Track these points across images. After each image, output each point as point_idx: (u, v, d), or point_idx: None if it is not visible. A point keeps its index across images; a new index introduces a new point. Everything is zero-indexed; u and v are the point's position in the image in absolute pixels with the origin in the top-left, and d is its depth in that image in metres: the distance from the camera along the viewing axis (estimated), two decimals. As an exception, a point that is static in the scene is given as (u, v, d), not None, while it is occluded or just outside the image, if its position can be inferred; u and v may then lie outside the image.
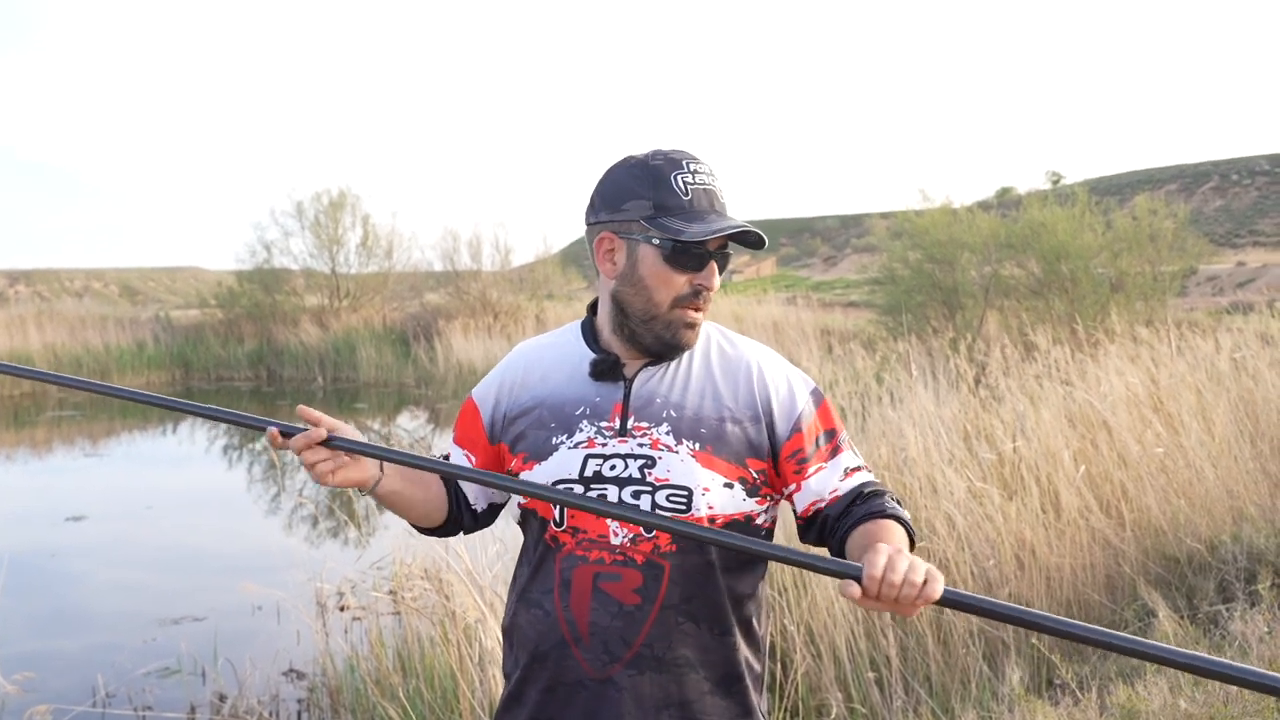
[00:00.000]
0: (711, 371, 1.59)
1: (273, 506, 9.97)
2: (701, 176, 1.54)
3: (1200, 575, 4.08)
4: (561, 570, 1.54)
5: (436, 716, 3.72)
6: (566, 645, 1.53)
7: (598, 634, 1.50)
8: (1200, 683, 2.87)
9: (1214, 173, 51.99)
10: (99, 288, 43.90)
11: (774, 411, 1.57)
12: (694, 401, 1.56)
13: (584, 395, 1.59)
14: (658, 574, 1.50)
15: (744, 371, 1.59)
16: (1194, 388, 5.76)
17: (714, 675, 1.54)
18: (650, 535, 1.50)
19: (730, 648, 1.55)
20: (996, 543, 4.12)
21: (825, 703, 3.56)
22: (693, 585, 1.51)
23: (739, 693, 1.56)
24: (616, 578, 1.50)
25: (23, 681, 4.95)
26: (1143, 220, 14.70)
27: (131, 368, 20.77)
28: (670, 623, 1.50)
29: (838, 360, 9.48)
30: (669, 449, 1.52)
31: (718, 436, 1.53)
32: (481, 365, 18.27)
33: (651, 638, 1.50)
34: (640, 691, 1.50)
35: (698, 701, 1.52)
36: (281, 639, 5.57)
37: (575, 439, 1.56)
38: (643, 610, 1.49)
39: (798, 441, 1.56)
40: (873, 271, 18.60)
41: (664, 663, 1.50)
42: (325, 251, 24.39)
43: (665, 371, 1.59)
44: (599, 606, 1.50)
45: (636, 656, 1.50)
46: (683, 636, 1.51)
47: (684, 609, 1.51)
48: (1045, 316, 13.44)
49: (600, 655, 1.51)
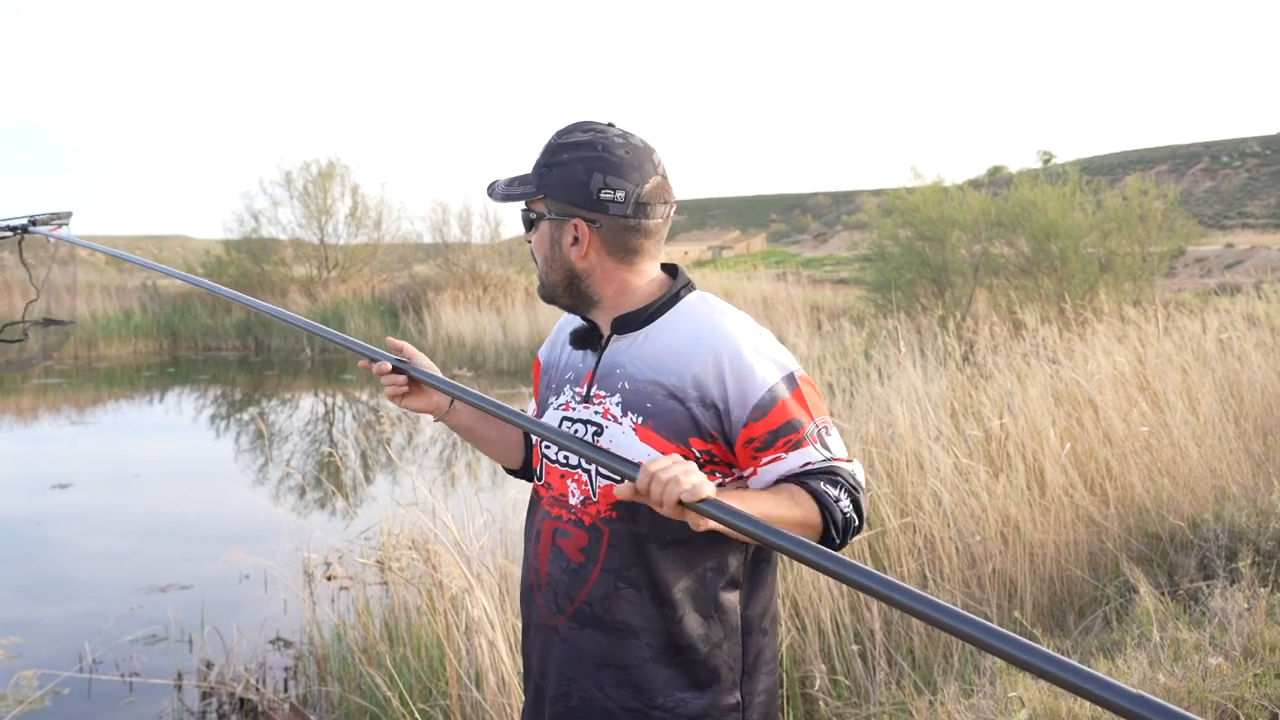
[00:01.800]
0: (675, 345, 1.55)
1: (260, 476, 9.96)
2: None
3: (1182, 552, 4.12)
4: (536, 521, 1.67)
5: (423, 685, 3.74)
6: (533, 590, 1.67)
7: (551, 584, 1.62)
8: (1180, 657, 2.91)
9: (1205, 154, 52.06)
10: (85, 255, 43.56)
11: (729, 396, 1.50)
12: (647, 374, 1.55)
13: (572, 361, 1.68)
14: (599, 537, 1.56)
15: (708, 351, 1.52)
16: (1180, 368, 5.79)
17: (656, 643, 1.55)
18: (595, 500, 1.57)
19: (672, 620, 1.54)
20: (981, 519, 4.15)
21: (809, 675, 3.59)
22: (630, 553, 1.54)
23: (686, 664, 1.55)
24: (568, 535, 1.60)
25: (9, 646, 4.96)
26: (1133, 200, 14.74)
27: (119, 336, 20.63)
28: (610, 585, 1.55)
29: (827, 337, 9.50)
30: (615, 420, 1.56)
31: (661, 412, 1.53)
32: (470, 338, 18.25)
33: (592, 596, 1.57)
34: (580, 645, 1.58)
35: (637, 667, 1.55)
36: (269, 608, 5.59)
37: (558, 401, 1.67)
38: (586, 569, 1.57)
39: (753, 430, 1.50)
40: (863, 248, 18.60)
41: (603, 623, 1.56)
42: (314, 222, 24.25)
43: (634, 342, 1.59)
44: (554, 559, 1.61)
45: (578, 611, 1.58)
46: (622, 601, 1.55)
47: (624, 574, 1.55)
48: (1034, 295, 13.50)
49: (551, 604, 1.62)
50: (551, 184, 1.56)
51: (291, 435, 12.11)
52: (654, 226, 1.58)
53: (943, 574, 3.97)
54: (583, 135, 1.56)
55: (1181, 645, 2.99)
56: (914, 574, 3.95)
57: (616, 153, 1.53)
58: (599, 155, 1.53)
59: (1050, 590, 4.12)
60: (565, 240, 1.58)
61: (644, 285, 1.61)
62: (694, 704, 1.55)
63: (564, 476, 1.62)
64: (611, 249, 1.57)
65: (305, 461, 10.54)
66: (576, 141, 1.55)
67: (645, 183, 1.54)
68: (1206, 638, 3.00)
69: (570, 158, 1.54)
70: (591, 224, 1.55)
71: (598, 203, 1.53)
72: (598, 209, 1.54)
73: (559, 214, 1.57)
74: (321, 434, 12.16)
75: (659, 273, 1.64)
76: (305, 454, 10.98)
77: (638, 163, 1.54)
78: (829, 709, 3.44)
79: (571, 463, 1.61)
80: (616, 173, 1.53)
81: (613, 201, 1.53)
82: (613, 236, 1.56)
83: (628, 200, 1.53)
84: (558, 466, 1.64)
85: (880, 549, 4.04)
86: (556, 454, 1.65)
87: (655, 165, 1.57)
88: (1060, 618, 3.96)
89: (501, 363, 17.40)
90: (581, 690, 1.58)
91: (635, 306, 1.61)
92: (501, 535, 4.51)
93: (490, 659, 3.19)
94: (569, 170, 1.54)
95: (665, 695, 1.54)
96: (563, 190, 1.55)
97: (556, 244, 1.59)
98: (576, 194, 1.54)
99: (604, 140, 1.54)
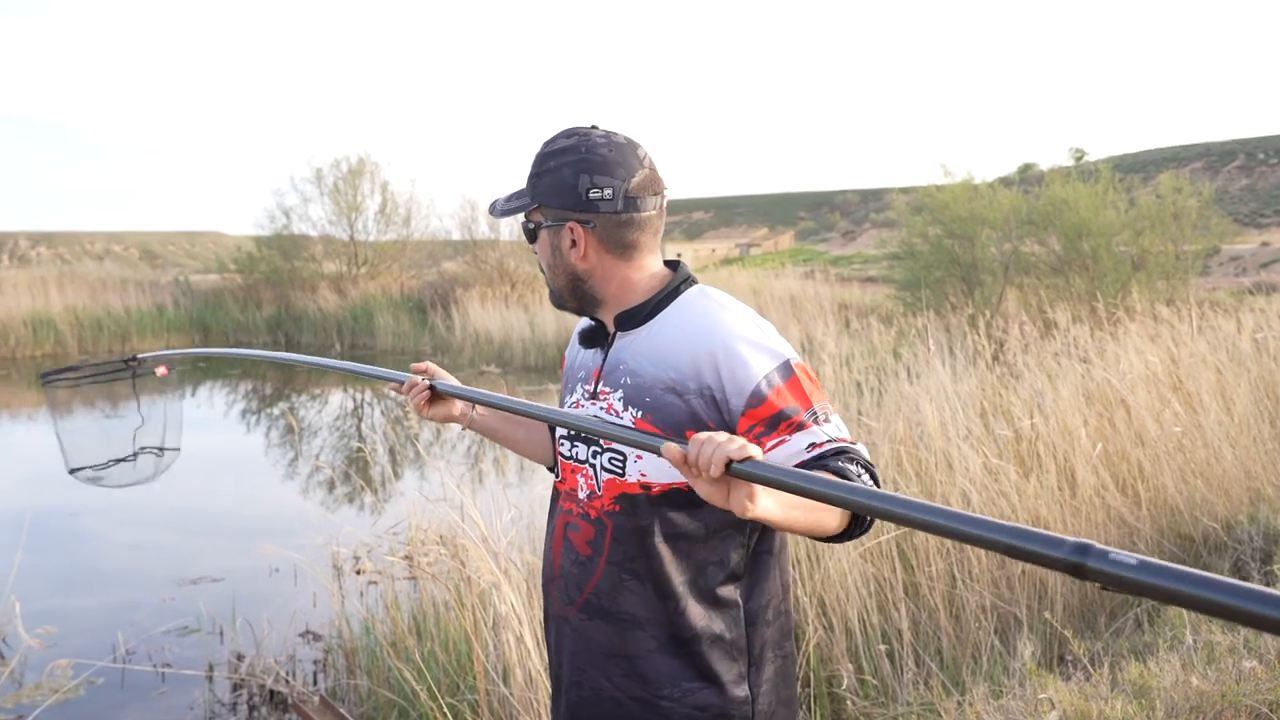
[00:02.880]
0: (674, 340, 1.58)
1: (290, 470, 10.05)
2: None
3: (1215, 555, 4.07)
4: (553, 515, 1.74)
5: (451, 679, 3.76)
6: (549, 582, 1.73)
7: (563, 576, 1.68)
8: (1214, 660, 2.88)
9: (1240, 151, 51.35)
10: (119, 251, 44.16)
11: (725, 386, 1.51)
12: (647, 370, 1.58)
13: (584, 359, 1.74)
14: (604, 530, 1.61)
15: (704, 343, 1.54)
16: (1214, 367, 5.72)
17: (661, 635, 1.58)
18: (600, 494, 1.62)
19: (677, 612, 1.57)
20: (1011, 519, 4.12)
21: (836, 674, 3.57)
22: (634, 546, 1.58)
23: (693, 656, 1.57)
24: (577, 528, 1.65)
25: (45, 636, 5.03)
26: (1166, 199, 14.54)
27: (151, 331, 20.90)
28: (616, 578, 1.60)
29: (855, 335, 9.45)
30: (617, 415, 1.59)
31: (659, 406, 1.55)
32: (498, 335, 18.31)
33: (599, 589, 1.62)
34: (590, 636, 1.64)
35: (643, 658, 1.59)
36: (298, 601, 5.64)
37: (571, 399, 1.73)
38: (593, 562, 1.62)
39: (753, 416, 1.50)
40: (892, 246, 18.50)
41: (610, 614, 1.61)
42: (344, 218, 24.44)
43: (636, 337, 1.63)
44: (566, 552, 1.67)
45: (586, 602, 1.63)
46: (628, 593, 1.59)
47: (629, 567, 1.59)
48: (1065, 294, 13.36)
49: (563, 595, 1.68)
50: (544, 192, 1.61)
51: (321, 430, 12.21)
52: (646, 219, 1.61)
53: (971, 574, 3.94)
54: (566, 141, 1.61)
55: (1215, 648, 2.95)
56: (942, 573, 3.92)
57: (600, 152, 1.57)
58: (583, 157, 1.58)
59: (1080, 591, 4.08)
60: (564, 244, 1.62)
61: (645, 281, 1.64)
62: (700, 694, 1.58)
63: (575, 471, 1.68)
64: (609, 246, 1.61)
65: (334, 456, 10.63)
66: (561, 148, 1.60)
67: (632, 177, 1.58)
68: (1241, 641, 2.97)
69: (557, 164, 1.59)
70: (585, 224, 1.59)
71: (588, 203, 1.58)
72: (589, 209, 1.58)
73: (554, 220, 1.62)
74: (350, 429, 12.25)
75: (660, 268, 1.67)
76: (334, 449, 11.07)
77: (622, 159, 1.58)
78: (856, 708, 3.43)
79: (580, 457, 1.66)
80: (602, 171, 1.57)
81: (602, 199, 1.57)
82: (608, 234, 1.60)
83: (616, 196, 1.57)
84: (570, 462, 1.69)
85: (908, 548, 4.02)
86: (570, 450, 1.69)
87: (640, 159, 1.60)
88: (1091, 619, 3.93)
89: (529, 360, 17.44)
90: (591, 680, 1.64)
91: (637, 302, 1.64)
92: (528, 531, 4.52)
93: (517, 654, 3.21)
94: (557, 176, 1.59)
95: (672, 685, 1.58)
96: (555, 196, 1.60)
97: (557, 249, 1.64)
98: (567, 198, 1.59)
99: (587, 142, 1.59)
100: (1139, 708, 2.66)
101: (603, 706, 1.62)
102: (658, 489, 1.57)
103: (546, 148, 1.63)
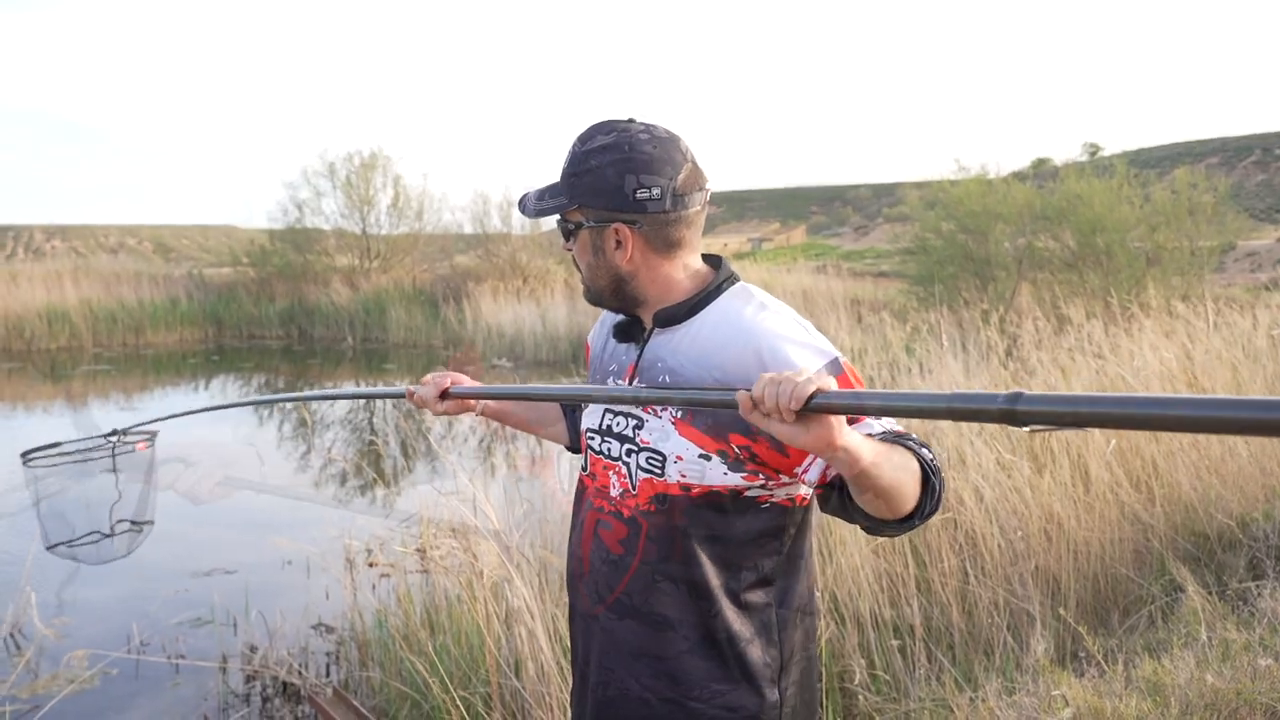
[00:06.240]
0: (716, 339, 1.53)
1: (303, 463, 10.08)
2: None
3: (1230, 552, 4.05)
4: (581, 510, 1.71)
5: (463, 672, 3.77)
6: (576, 579, 1.69)
7: (593, 574, 1.64)
8: (1228, 658, 2.86)
9: (1256, 146, 50.96)
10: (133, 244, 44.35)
11: None
12: (689, 368, 1.54)
13: (616, 354, 1.69)
14: (637, 530, 1.57)
15: (750, 344, 1.49)
16: (1230, 364, 5.68)
17: (694, 635, 1.55)
18: (634, 492, 1.58)
19: (710, 614, 1.54)
20: (1024, 515, 4.11)
21: (848, 669, 3.57)
22: (667, 546, 1.55)
23: (725, 658, 1.55)
24: (609, 526, 1.61)
25: (60, 627, 5.07)
26: (1182, 194, 14.45)
27: (165, 324, 20.99)
28: (648, 578, 1.56)
29: (868, 330, 9.43)
30: (655, 414, 1.55)
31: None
32: (510, 329, 18.33)
33: (631, 588, 1.58)
34: (619, 635, 1.60)
35: (674, 659, 1.56)
36: (311, 593, 5.66)
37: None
38: (625, 561, 1.59)
39: None
40: (905, 241, 18.40)
41: (642, 614, 1.58)
42: (356, 212, 24.48)
43: (675, 335, 1.58)
44: (596, 549, 1.63)
45: (617, 601, 1.60)
46: (660, 594, 1.56)
47: (662, 568, 1.55)
48: (1079, 290, 13.28)
49: (593, 593, 1.64)
50: (584, 192, 1.54)
51: (333, 423, 12.24)
52: (693, 215, 1.56)
53: (984, 570, 3.93)
54: (606, 138, 1.53)
55: (1230, 646, 2.94)
56: (955, 569, 3.91)
57: (644, 150, 1.51)
58: (628, 156, 1.51)
59: (1094, 588, 4.07)
60: (608, 246, 1.56)
61: (686, 279, 1.60)
62: (730, 696, 1.55)
63: (607, 469, 1.64)
64: (655, 246, 1.56)
65: (347, 449, 10.66)
66: (601, 145, 1.53)
67: (678, 174, 1.52)
68: (1256, 638, 2.95)
69: (599, 163, 1.52)
70: (633, 225, 1.53)
71: (635, 204, 1.52)
72: (636, 210, 1.52)
73: (598, 221, 1.55)
74: (363, 422, 12.27)
75: (701, 265, 1.63)
76: (346, 442, 11.10)
77: (667, 155, 1.52)
78: (868, 703, 3.42)
79: (613, 454, 1.62)
80: (648, 170, 1.50)
81: (650, 200, 1.51)
82: (655, 233, 1.55)
83: (664, 195, 1.51)
84: (601, 458, 1.65)
85: (921, 544, 4.01)
86: (600, 444, 1.66)
87: (684, 153, 1.54)
88: (1104, 616, 3.91)
89: (541, 354, 17.46)
90: (619, 680, 1.61)
91: (677, 300, 1.59)
92: (540, 525, 4.53)
93: (530, 648, 3.21)
94: (600, 176, 1.52)
95: (702, 687, 1.55)
96: (597, 197, 1.53)
97: (600, 250, 1.57)
98: (613, 199, 1.52)
99: (629, 139, 1.52)
100: (1153, 705, 2.65)
101: (630, 706, 1.60)
102: (698, 490, 1.52)
103: (584, 145, 1.55)
